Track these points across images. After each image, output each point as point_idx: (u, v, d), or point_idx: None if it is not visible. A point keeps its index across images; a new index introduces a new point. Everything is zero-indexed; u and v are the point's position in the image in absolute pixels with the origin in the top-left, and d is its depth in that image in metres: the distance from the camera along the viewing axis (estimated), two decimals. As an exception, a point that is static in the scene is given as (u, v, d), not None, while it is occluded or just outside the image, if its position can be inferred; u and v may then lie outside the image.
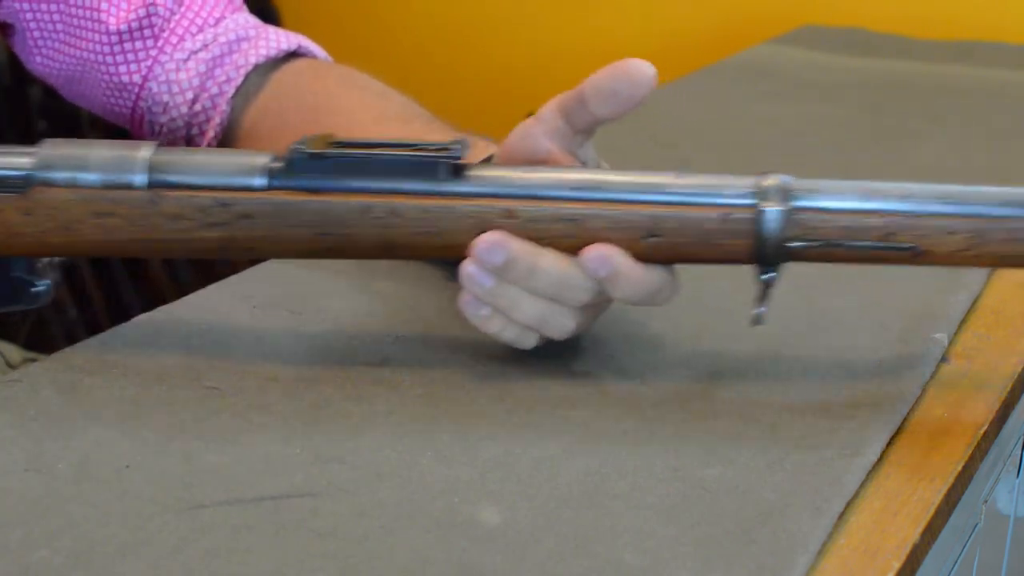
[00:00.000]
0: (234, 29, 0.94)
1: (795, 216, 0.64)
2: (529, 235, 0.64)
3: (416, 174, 0.65)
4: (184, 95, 0.91)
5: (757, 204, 0.64)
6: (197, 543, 0.54)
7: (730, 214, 0.64)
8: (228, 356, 0.71)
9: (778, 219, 0.64)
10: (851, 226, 0.63)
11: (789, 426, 0.64)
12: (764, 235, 0.64)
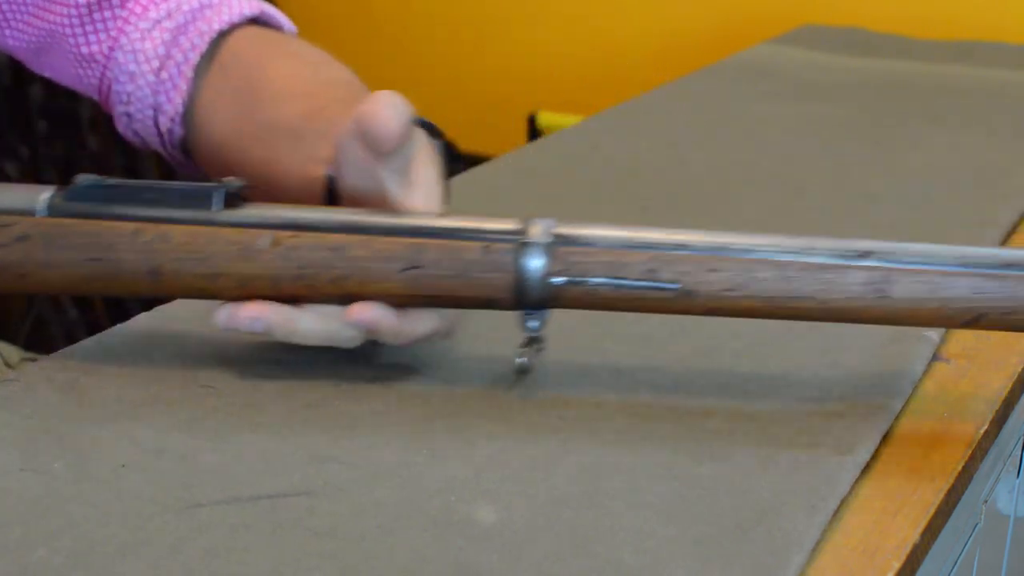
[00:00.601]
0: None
1: (558, 249, 0.63)
2: (293, 264, 0.65)
3: (188, 203, 0.66)
4: (150, 63, 0.91)
5: (520, 237, 0.64)
6: (195, 542, 0.54)
7: (491, 245, 0.64)
8: (224, 355, 0.71)
9: (540, 252, 0.63)
10: (615, 262, 0.63)
11: (783, 424, 0.64)
12: (526, 269, 0.63)
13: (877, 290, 0.61)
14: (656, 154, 1.15)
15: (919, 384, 0.71)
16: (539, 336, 0.66)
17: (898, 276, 0.61)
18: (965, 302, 0.61)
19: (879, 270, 0.61)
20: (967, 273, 0.61)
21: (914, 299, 0.61)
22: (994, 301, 0.61)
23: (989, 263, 0.62)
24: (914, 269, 0.61)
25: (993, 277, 0.61)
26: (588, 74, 2.12)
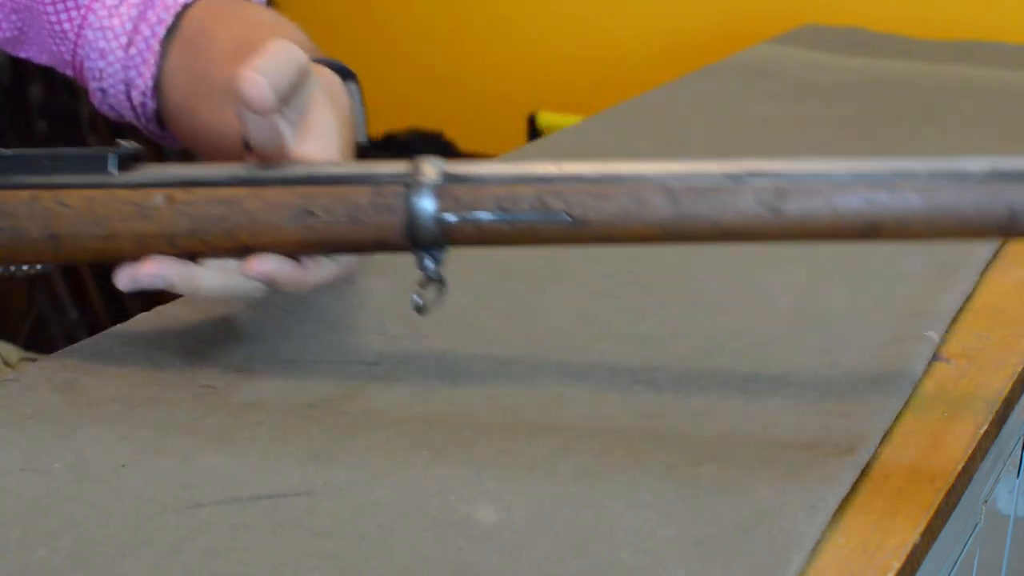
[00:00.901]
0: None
1: (448, 187, 0.62)
2: (186, 220, 0.64)
3: (84, 168, 0.66)
4: (119, 39, 0.92)
5: (409, 178, 0.63)
6: (195, 542, 0.54)
7: (382, 188, 0.63)
8: (223, 355, 0.71)
9: (430, 191, 0.62)
10: (505, 196, 0.62)
11: (782, 424, 0.64)
12: (416, 209, 0.62)
13: (771, 208, 0.60)
14: (656, 154, 1.15)
15: (919, 384, 0.71)
16: (438, 276, 0.65)
17: (790, 192, 0.60)
18: (858, 213, 0.60)
19: (770, 188, 0.61)
20: (859, 184, 0.60)
21: (807, 214, 0.60)
22: (888, 210, 0.60)
23: (881, 173, 0.60)
24: (806, 184, 0.60)
25: (886, 187, 0.60)
26: (588, 74, 2.12)
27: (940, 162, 0.60)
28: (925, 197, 0.60)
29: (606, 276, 0.83)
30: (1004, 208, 0.59)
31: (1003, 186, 0.59)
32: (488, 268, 0.83)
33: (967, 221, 0.60)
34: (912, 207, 0.60)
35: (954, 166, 0.60)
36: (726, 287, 0.82)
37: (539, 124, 2.08)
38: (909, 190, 0.60)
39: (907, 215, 0.60)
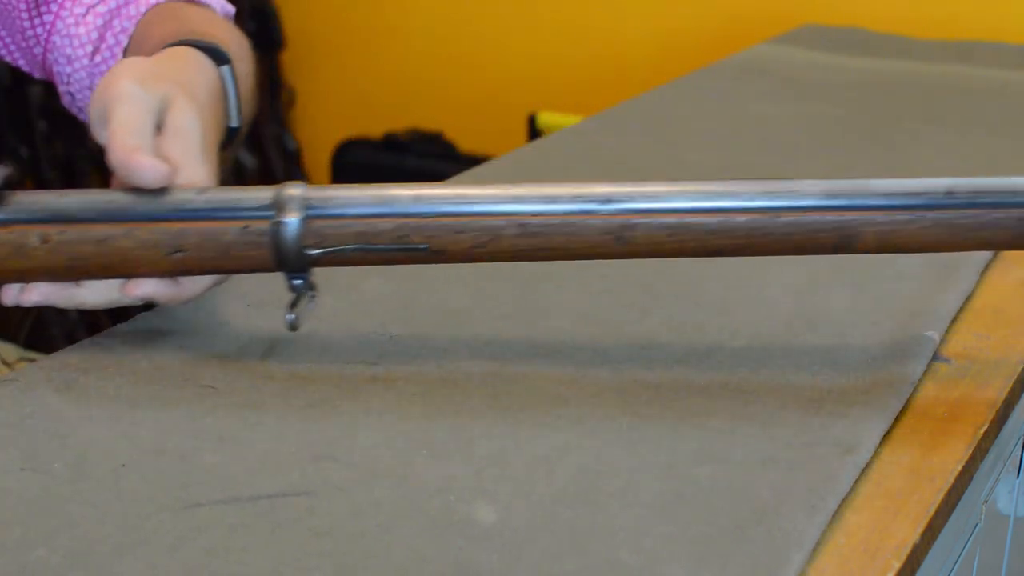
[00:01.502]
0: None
1: (311, 223, 0.66)
2: (63, 258, 0.67)
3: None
4: (84, 48, 0.93)
5: (275, 216, 0.66)
6: (194, 542, 0.54)
7: (249, 226, 0.66)
8: (223, 355, 0.71)
9: (295, 228, 0.66)
10: (366, 231, 0.66)
11: (782, 424, 0.64)
12: (283, 245, 0.66)
13: (618, 238, 0.65)
14: (656, 154, 1.15)
15: (919, 384, 0.71)
16: (307, 288, 0.68)
17: (637, 220, 0.65)
18: (696, 238, 0.66)
19: (619, 216, 0.65)
20: (705, 212, 0.65)
21: (653, 241, 0.66)
22: (732, 236, 0.66)
23: (728, 195, 0.65)
24: (652, 212, 0.65)
25: (730, 212, 0.65)
26: (588, 74, 2.12)
27: (774, 184, 0.65)
28: (755, 222, 0.65)
29: (606, 276, 0.83)
30: (837, 235, 0.65)
31: (839, 215, 0.65)
32: (488, 268, 0.83)
33: (800, 245, 0.66)
34: (754, 231, 0.66)
35: (789, 187, 0.65)
36: (726, 287, 0.82)
37: (539, 124, 2.08)
38: (755, 214, 0.65)
39: (747, 242, 0.66)
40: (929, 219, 0.66)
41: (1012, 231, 0.66)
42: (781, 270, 0.85)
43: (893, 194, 0.66)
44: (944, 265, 0.86)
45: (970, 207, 0.66)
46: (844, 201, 0.65)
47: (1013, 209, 0.66)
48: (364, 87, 2.32)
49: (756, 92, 1.39)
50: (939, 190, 0.66)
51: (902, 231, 0.66)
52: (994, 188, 0.66)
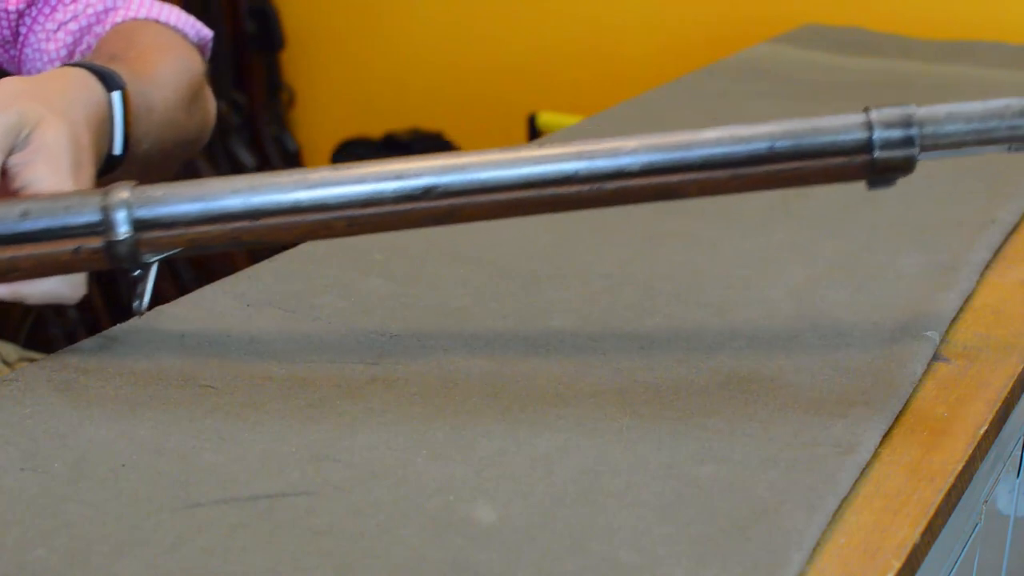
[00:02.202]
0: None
1: (143, 237, 0.68)
2: None
3: None
4: (53, 64, 0.94)
5: (105, 234, 0.67)
6: (193, 542, 0.54)
7: (82, 246, 0.68)
8: (223, 355, 0.71)
9: (128, 246, 0.67)
10: (197, 238, 0.68)
11: (782, 424, 0.64)
12: (118, 258, 0.68)
13: (448, 216, 0.67)
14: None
15: (919, 384, 0.71)
16: (144, 272, 0.69)
17: (464, 202, 0.67)
18: (534, 207, 0.67)
19: (445, 199, 0.67)
20: (537, 184, 0.67)
21: (483, 215, 0.67)
22: (565, 203, 0.67)
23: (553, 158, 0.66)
24: (478, 191, 0.66)
25: (556, 183, 0.66)
26: (588, 74, 2.12)
27: (599, 161, 0.67)
28: (583, 194, 0.67)
29: (606, 276, 0.83)
30: (662, 193, 0.68)
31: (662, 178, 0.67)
32: (488, 268, 0.83)
33: (624, 201, 0.67)
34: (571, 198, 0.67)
35: (611, 149, 0.67)
36: (726, 287, 0.82)
37: (539, 124, 2.08)
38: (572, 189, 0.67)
39: (569, 203, 0.67)
40: (750, 174, 0.68)
41: (831, 176, 0.68)
42: (781, 270, 0.85)
43: (715, 147, 0.69)
44: (944, 265, 0.86)
45: (790, 154, 0.68)
46: (665, 158, 0.68)
47: (832, 157, 0.67)
48: (364, 87, 2.32)
49: (756, 92, 1.39)
50: (760, 141, 0.69)
51: (724, 185, 0.68)
52: (813, 134, 0.68)
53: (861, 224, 0.97)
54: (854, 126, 0.67)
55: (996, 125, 0.68)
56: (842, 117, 0.68)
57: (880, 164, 0.67)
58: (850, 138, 0.67)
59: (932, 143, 0.67)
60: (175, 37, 0.94)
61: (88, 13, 0.94)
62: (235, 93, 2.30)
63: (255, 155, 2.33)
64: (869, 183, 0.68)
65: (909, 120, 0.67)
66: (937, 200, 1.02)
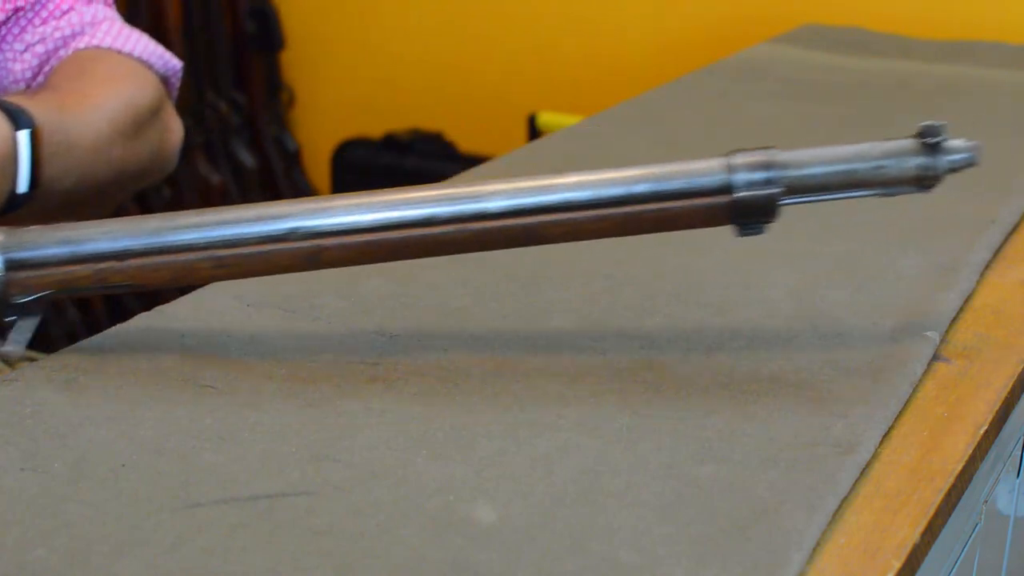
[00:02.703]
0: (77, 22, 0.96)
1: (15, 277, 0.69)
2: None
3: None
4: (18, 84, 0.95)
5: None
6: (193, 542, 0.54)
7: None
8: (223, 355, 0.71)
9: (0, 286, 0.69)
10: (66, 279, 0.69)
11: (782, 424, 0.64)
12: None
13: (311, 259, 0.69)
14: (656, 154, 1.15)
15: (919, 384, 0.71)
16: (24, 318, 0.70)
17: (329, 243, 0.68)
18: (395, 250, 0.69)
19: (310, 240, 0.68)
20: (397, 227, 0.68)
21: (347, 258, 0.69)
22: (425, 248, 0.68)
23: (416, 203, 0.68)
24: (342, 233, 0.68)
25: (419, 226, 0.68)
26: (588, 74, 2.12)
27: (460, 191, 0.68)
28: (445, 233, 0.68)
29: (606, 276, 0.83)
30: (525, 237, 0.68)
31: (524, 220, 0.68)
32: (488, 268, 0.83)
33: (489, 245, 0.68)
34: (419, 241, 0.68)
35: (475, 193, 0.68)
36: (726, 287, 0.82)
37: (539, 124, 2.08)
38: (429, 228, 0.68)
39: (429, 247, 0.69)
40: (613, 215, 0.68)
41: (694, 218, 0.68)
42: (781, 270, 0.85)
43: (576, 191, 0.68)
44: (944, 265, 0.86)
45: (652, 195, 0.67)
46: (527, 202, 0.68)
47: (693, 198, 0.67)
48: (364, 87, 2.32)
49: (756, 92, 1.39)
50: (621, 185, 0.68)
51: (588, 227, 0.68)
52: (675, 177, 0.67)
53: (861, 224, 0.96)
54: (715, 169, 0.67)
55: (860, 167, 0.68)
56: (705, 160, 0.68)
57: (742, 206, 0.67)
58: (711, 180, 0.67)
59: (795, 186, 0.67)
60: (133, 68, 0.95)
61: (56, 36, 0.95)
62: (235, 93, 2.30)
63: (255, 155, 2.33)
64: (737, 228, 0.68)
65: (770, 163, 0.67)
66: (937, 200, 1.02)
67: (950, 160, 0.69)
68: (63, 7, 0.96)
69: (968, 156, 0.69)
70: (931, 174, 0.68)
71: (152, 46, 0.97)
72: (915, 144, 0.69)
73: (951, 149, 0.69)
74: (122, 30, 0.96)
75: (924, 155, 0.68)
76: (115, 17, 0.99)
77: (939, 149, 0.68)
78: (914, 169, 0.68)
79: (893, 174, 0.68)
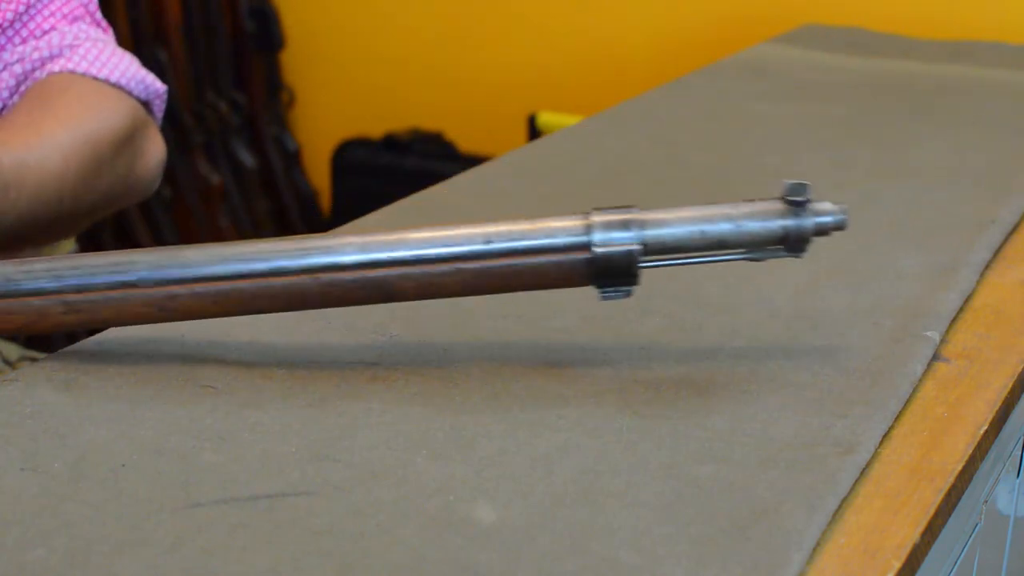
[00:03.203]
0: (57, 44, 0.94)
1: None
2: None
3: None
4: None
5: None
6: (193, 542, 0.54)
7: None
8: (223, 355, 0.71)
9: None
10: None
11: (782, 424, 0.64)
12: None
13: (161, 308, 0.68)
14: (656, 154, 1.15)
15: (919, 384, 0.71)
16: None
17: (179, 291, 0.68)
18: (246, 303, 0.68)
19: (161, 288, 0.68)
20: (245, 277, 0.68)
21: (199, 308, 0.68)
22: (273, 298, 0.68)
23: (263, 256, 0.68)
24: (193, 281, 0.68)
25: (268, 276, 0.67)
26: (588, 74, 2.12)
27: (312, 242, 0.68)
28: (293, 285, 0.68)
29: (606, 276, 0.83)
30: (378, 291, 0.68)
31: (376, 272, 0.67)
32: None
33: (342, 300, 0.68)
34: (280, 292, 0.68)
35: (327, 246, 0.67)
36: (726, 287, 0.82)
37: (539, 124, 2.08)
38: (278, 278, 0.68)
39: (278, 299, 0.68)
40: (468, 270, 0.67)
41: (552, 276, 0.67)
42: (781, 270, 0.85)
43: (430, 246, 0.67)
44: (944, 265, 0.86)
45: (508, 252, 0.66)
46: (380, 255, 0.67)
47: (549, 254, 0.66)
48: (364, 87, 2.32)
49: (756, 92, 1.39)
50: (476, 240, 0.67)
51: (442, 282, 0.67)
52: (531, 234, 0.67)
53: (861, 224, 0.96)
54: (573, 226, 0.66)
55: (724, 228, 0.67)
56: (565, 217, 0.67)
57: (601, 266, 0.66)
58: (567, 238, 0.66)
59: (655, 246, 0.66)
60: (101, 96, 0.93)
61: (33, 58, 0.93)
62: (235, 93, 2.30)
63: (255, 155, 2.33)
64: (599, 290, 0.67)
65: (629, 222, 0.66)
66: (937, 200, 1.02)
67: (817, 222, 0.67)
68: (44, 27, 0.95)
69: (836, 219, 0.67)
70: (796, 235, 0.67)
71: (132, 70, 0.95)
72: (781, 205, 0.67)
73: (817, 211, 0.67)
74: (100, 54, 0.95)
75: (790, 216, 0.66)
76: (99, 38, 0.97)
77: (804, 210, 0.67)
78: (779, 230, 0.67)
79: (759, 235, 0.67)
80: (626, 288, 0.67)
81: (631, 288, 0.67)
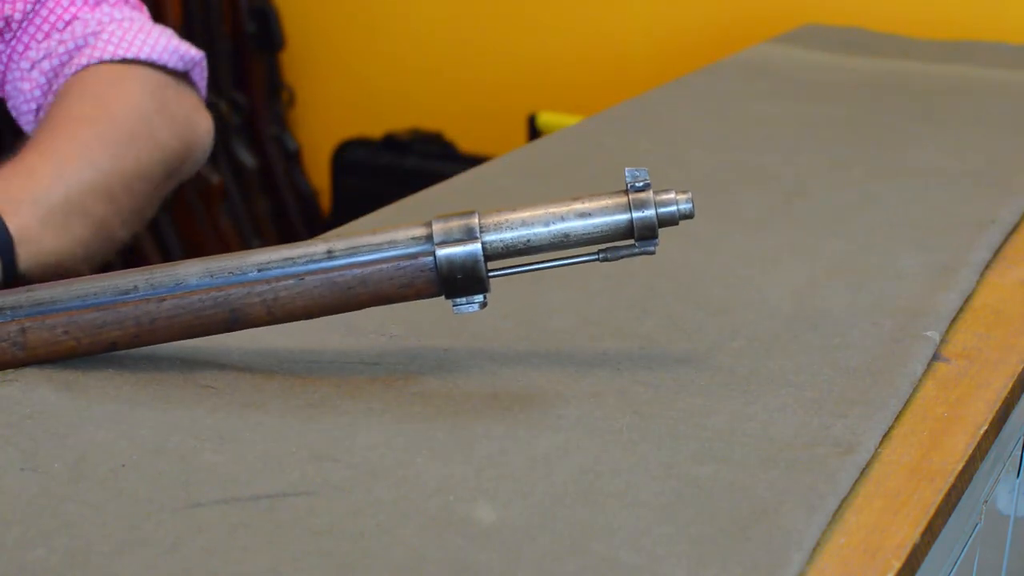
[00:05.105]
0: (80, 33, 0.94)
1: None
2: None
3: None
4: (29, 104, 0.94)
5: None
6: (193, 541, 0.54)
7: None
8: (223, 355, 0.71)
9: None
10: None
11: (782, 424, 0.64)
12: None
13: (14, 343, 0.68)
14: (656, 154, 1.15)
15: (919, 384, 0.71)
16: None
17: (29, 324, 0.67)
18: (96, 334, 0.68)
19: (12, 323, 0.67)
20: (92, 307, 0.67)
21: (52, 342, 0.68)
22: (123, 326, 0.67)
23: (111, 289, 0.67)
24: (43, 314, 0.67)
25: (115, 305, 0.67)
26: (588, 74, 2.12)
27: (156, 271, 0.68)
28: (140, 310, 0.67)
29: (606, 276, 0.83)
30: (226, 310, 0.67)
31: (220, 291, 0.67)
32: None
33: (192, 326, 0.67)
34: (129, 318, 0.68)
35: (170, 272, 0.67)
36: (726, 287, 0.82)
37: (539, 124, 2.08)
38: (124, 306, 0.67)
39: (137, 329, 0.68)
40: (311, 281, 0.67)
41: (397, 281, 0.67)
42: (781, 270, 0.85)
43: (271, 262, 0.67)
44: (944, 265, 0.86)
45: (349, 263, 0.66)
46: (223, 278, 0.67)
47: (391, 261, 0.66)
48: (364, 87, 2.32)
49: (756, 92, 1.39)
50: (318, 251, 0.67)
51: (288, 296, 0.67)
52: (372, 242, 0.67)
53: (861, 224, 0.97)
54: (416, 235, 0.66)
55: (567, 224, 0.66)
56: (408, 226, 0.67)
57: (444, 270, 0.66)
58: (409, 248, 0.66)
59: (499, 249, 0.66)
60: (126, 78, 0.92)
61: (60, 52, 0.93)
62: (235, 93, 2.30)
63: (255, 155, 2.33)
64: (450, 300, 0.67)
65: (469, 226, 0.66)
66: (937, 200, 1.02)
67: (664, 211, 0.65)
68: (65, 17, 0.94)
69: (683, 207, 0.66)
70: (643, 226, 0.65)
71: (163, 42, 0.94)
72: (624, 197, 0.66)
73: (662, 200, 0.66)
74: (125, 34, 0.94)
75: (635, 208, 0.65)
76: (126, 16, 0.96)
77: (646, 199, 0.65)
78: (625, 223, 0.66)
79: (606, 228, 0.66)
80: (478, 296, 0.66)
81: (483, 296, 0.66)
